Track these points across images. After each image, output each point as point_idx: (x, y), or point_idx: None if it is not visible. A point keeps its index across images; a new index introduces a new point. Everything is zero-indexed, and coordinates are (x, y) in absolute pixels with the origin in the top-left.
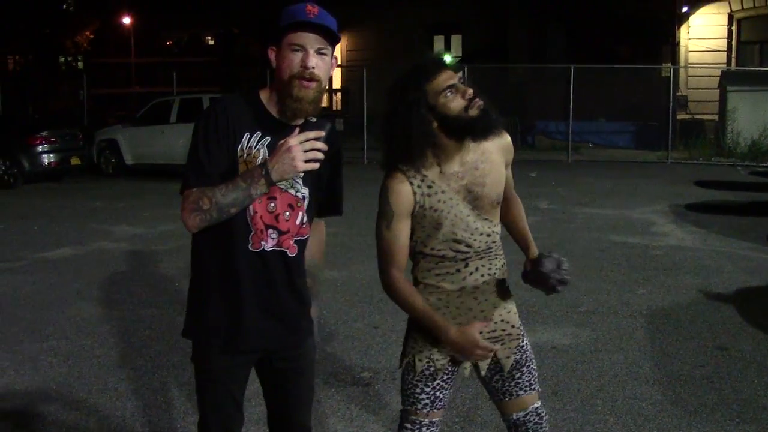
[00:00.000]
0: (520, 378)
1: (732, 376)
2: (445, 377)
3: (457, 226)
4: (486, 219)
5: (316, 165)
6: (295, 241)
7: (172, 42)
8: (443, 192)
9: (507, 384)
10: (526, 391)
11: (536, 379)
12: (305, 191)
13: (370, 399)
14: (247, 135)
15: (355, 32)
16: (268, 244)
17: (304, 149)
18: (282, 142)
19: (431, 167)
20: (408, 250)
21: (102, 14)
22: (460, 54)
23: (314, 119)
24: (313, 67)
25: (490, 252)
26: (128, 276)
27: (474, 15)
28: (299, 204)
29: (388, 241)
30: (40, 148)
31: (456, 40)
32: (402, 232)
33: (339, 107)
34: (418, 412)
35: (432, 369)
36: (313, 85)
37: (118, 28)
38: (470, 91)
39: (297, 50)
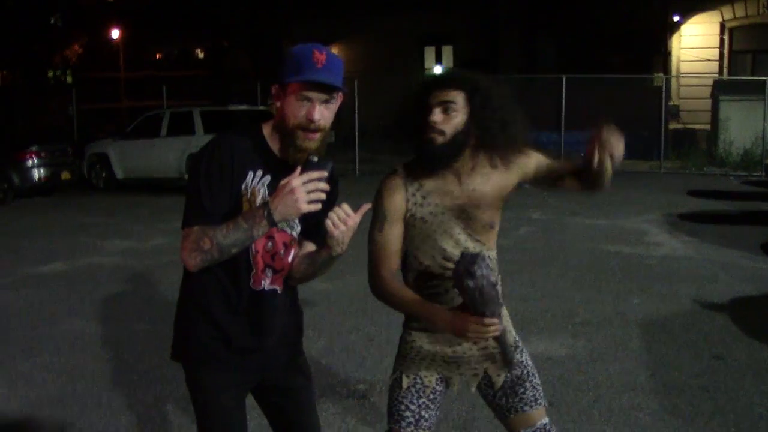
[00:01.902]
0: (524, 393)
1: (728, 385)
2: (431, 396)
3: (446, 241)
4: (478, 240)
5: (319, 206)
6: (285, 278)
7: (162, 55)
8: (436, 205)
9: (511, 400)
10: (531, 406)
11: (542, 394)
12: (299, 228)
13: (366, 411)
14: (251, 173)
15: (345, 43)
16: (267, 283)
17: (307, 190)
18: (284, 182)
19: (431, 178)
20: (399, 256)
21: (90, 28)
22: (452, 65)
23: (316, 158)
24: (319, 120)
25: None
26: (121, 291)
27: (465, 26)
28: (293, 242)
29: (379, 244)
30: (29, 163)
31: (447, 51)
32: (393, 236)
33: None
34: (401, 430)
35: (419, 386)
36: (317, 136)
37: (107, 42)
38: (436, 118)
39: (303, 101)
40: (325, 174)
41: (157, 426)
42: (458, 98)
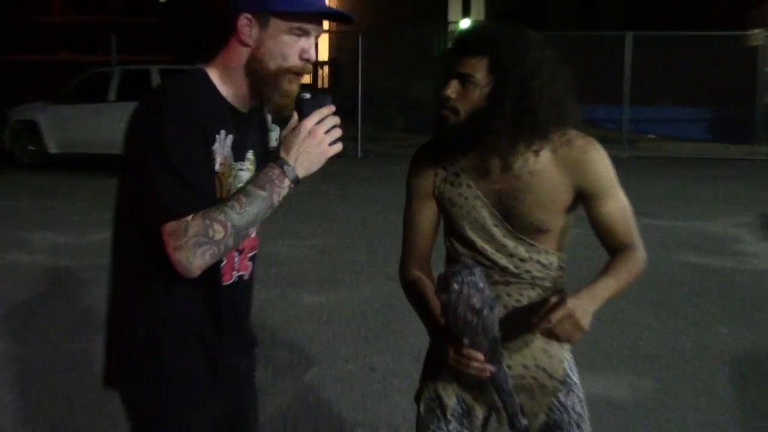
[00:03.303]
0: None
1: None
2: (457, 427)
3: (476, 232)
4: (523, 240)
5: (341, 146)
6: (249, 257)
7: None
8: (468, 186)
9: None
10: None
11: None
12: None
13: None
14: (217, 136)
15: None
16: (235, 272)
17: (325, 129)
18: (295, 127)
19: (469, 155)
20: (429, 240)
21: None
22: (483, 19)
23: (308, 95)
24: (313, 60)
25: (522, 280)
26: (50, 299)
27: None
28: None
29: (406, 224)
30: None
31: (478, 0)
32: (421, 215)
33: (326, 84)
34: None
35: (434, 405)
36: (301, 78)
37: None
38: (448, 92)
39: (299, 35)
40: (333, 107)
41: None
42: (478, 67)
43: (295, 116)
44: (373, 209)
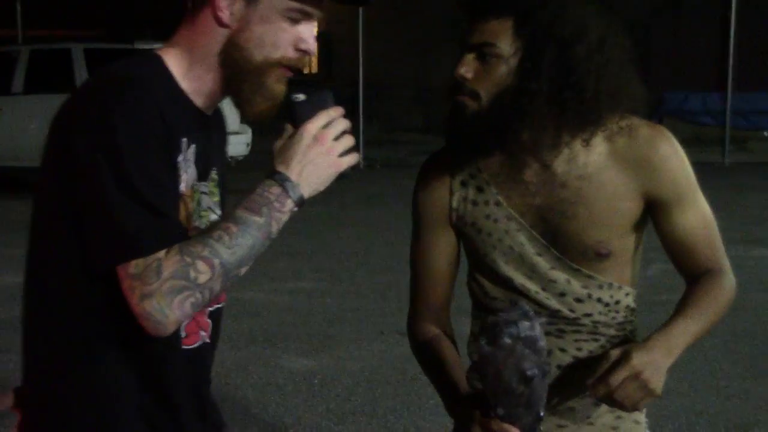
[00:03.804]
0: None
1: None
2: None
3: (513, 266)
4: (578, 270)
5: (357, 157)
6: (210, 313)
7: None
8: (497, 204)
9: None
10: None
11: None
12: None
13: None
14: (182, 144)
15: None
16: (204, 333)
17: (334, 136)
18: (297, 132)
19: (494, 159)
20: (447, 283)
21: None
22: None
23: (302, 96)
24: (314, 52)
25: (580, 328)
26: None
27: None
28: None
29: (414, 264)
30: None
31: None
32: (434, 250)
33: (314, 69)
34: None
35: None
36: (291, 75)
37: None
38: (462, 70)
39: (297, 20)
40: (340, 109)
41: None
42: (500, 33)
43: (289, 127)
44: (379, 239)
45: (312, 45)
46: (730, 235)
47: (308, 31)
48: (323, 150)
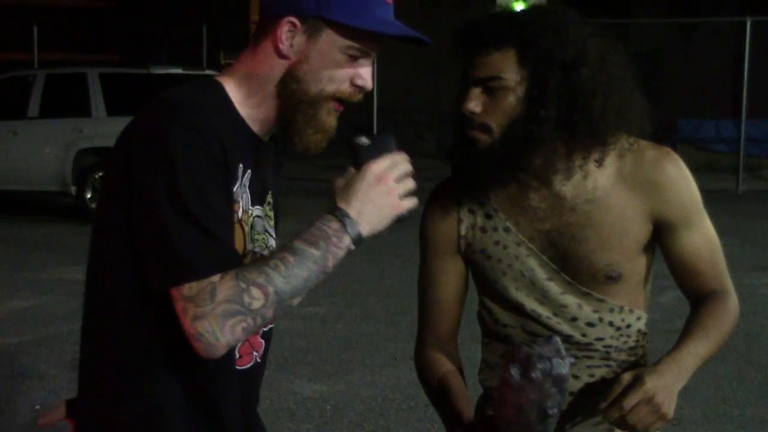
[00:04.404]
0: None
1: None
2: None
3: (524, 291)
4: (589, 295)
5: (416, 201)
6: (263, 334)
7: None
8: (506, 230)
9: None
10: None
11: None
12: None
13: None
14: (240, 168)
15: None
16: (258, 353)
17: (396, 177)
18: (361, 171)
19: (501, 186)
20: (454, 311)
21: None
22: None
23: (365, 139)
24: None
25: (593, 354)
26: None
27: None
28: None
29: (422, 292)
30: None
31: None
32: (442, 279)
33: None
34: None
35: None
36: (342, 109)
37: None
38: (470, 105)
39: (355, 57)
40: (405, 155)
41: None
42: (504, 64)
43: (352, 169)
44: (391, 265)
45: (369, 82)
46: (744, 262)
47: (365, 68)
48: (384, 190)
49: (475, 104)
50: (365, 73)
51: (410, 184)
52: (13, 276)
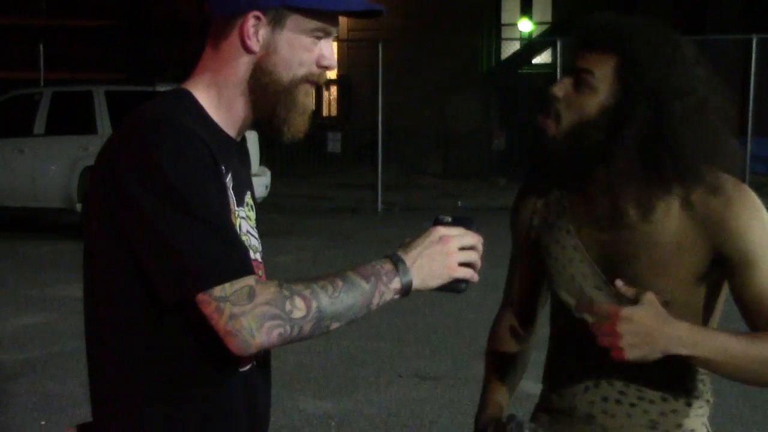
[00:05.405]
0: None
1: None
2: None
3: (572, 295)
4: None
5: (470, 273)
6: None
7: None
8: (568, 232)
9: None
10: None
11: None
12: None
13: None
14: (222, 170)
15: None
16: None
17: (460, 246)
18: (431, 233)
19: (577, 190)
20: (532, 290)
21: None
22: (550, 20)
23: (449, 218)
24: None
25: (630, 370)
26: None
27: None
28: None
29: (511, 262)
30: None
31: None
32: (522, 261)
33: (333, 112)
34: None
35: None
36: (313, 88)
37: None
38: (555, 90)
39: (319, 38)
40: (479, 237)
41: None
42: (601, 65)
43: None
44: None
45: (334, 60)
46: None
47: (328, 48)
48: (444, 250)
49: (559, 89)
50: (330, 54)
51: (473, 257)
52: (18, 293)
